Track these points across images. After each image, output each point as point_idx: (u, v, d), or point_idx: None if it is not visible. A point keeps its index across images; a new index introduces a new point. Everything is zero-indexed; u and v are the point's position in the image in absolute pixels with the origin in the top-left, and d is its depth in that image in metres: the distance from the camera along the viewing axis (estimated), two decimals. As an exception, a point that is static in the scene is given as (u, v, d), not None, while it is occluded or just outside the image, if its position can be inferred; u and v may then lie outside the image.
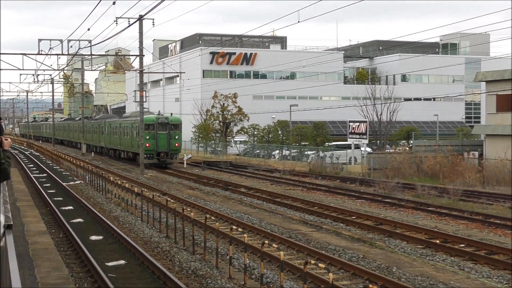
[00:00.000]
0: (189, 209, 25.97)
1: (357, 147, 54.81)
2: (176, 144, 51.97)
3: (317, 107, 78.28)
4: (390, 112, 64.59)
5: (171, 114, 56.55)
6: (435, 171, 41.97)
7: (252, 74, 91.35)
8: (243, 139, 75.87)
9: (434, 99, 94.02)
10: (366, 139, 48.86)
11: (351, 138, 50.53)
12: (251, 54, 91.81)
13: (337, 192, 34.38)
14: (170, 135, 51.53)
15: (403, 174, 42.19)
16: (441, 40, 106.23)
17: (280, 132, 73.99)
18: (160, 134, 51.37)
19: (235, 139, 76.06)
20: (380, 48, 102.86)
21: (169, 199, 23.76)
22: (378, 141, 63.72)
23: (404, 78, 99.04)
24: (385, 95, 66.57)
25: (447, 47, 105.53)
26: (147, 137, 50.75)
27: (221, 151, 69.61)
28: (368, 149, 55.85)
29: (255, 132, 74.33)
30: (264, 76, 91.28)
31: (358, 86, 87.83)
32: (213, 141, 75.36)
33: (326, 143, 64.61)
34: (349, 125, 50.53)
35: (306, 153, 59.68)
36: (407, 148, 57.16)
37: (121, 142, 59.07)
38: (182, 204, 28.20)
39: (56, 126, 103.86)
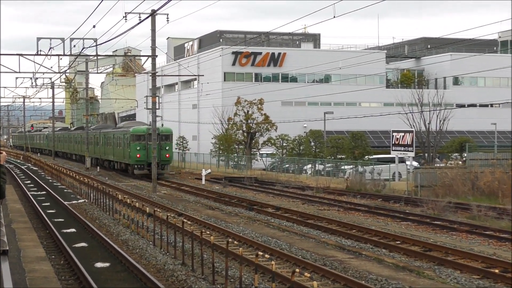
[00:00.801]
0: (208, 232, 25.98)
1: (402, 161, 54.51)
2: (167, 155, 59.38)
3: (355, 115, 78.14)
4: (440, 121, 64.25)
5: (162, 125, 61.94)
6: (493, 188, 41.60)
7: (280, 77, 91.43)
8: (270, 152, 75.83)
9: (491, 105, 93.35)
10: (412, 151, 48.59)
11: (394, 150, 50.26)
12: (279, 54, 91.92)
13: (379, 213, 34.21)
14: (161, 146, 57.31)
15: (456, 192, 41.88)
16: (499, 37, 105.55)
17: (312, 143, 73.87)
18: (151, 145, 54.42)
19: (261, 152, 76.06)
20: (428, 46, 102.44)
21: (185, 220, 23.82)
22: (426, 154, 63.36)
23: (456, 81, 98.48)
24: (434, 100, 66.21)
25: (507, 45, 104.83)
26: (138, 148, 58.14)
27: (245, 166, 69.64)
28: (415, 163, 55.49)
29: (284, 144, 74.28)
30: (294, 79, 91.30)
31: (403, 90, 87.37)
32: (235, 154, 75.41)
33: (366, 156, 64.38)
34: (393, 136, 50.29)
35: (342, 167, 59.48)
36: (460, 162, 56.70)
37: (114, 153, 65.77)
38: (201, 227, 28.23)
39: (50, 137, 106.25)
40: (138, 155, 58.23)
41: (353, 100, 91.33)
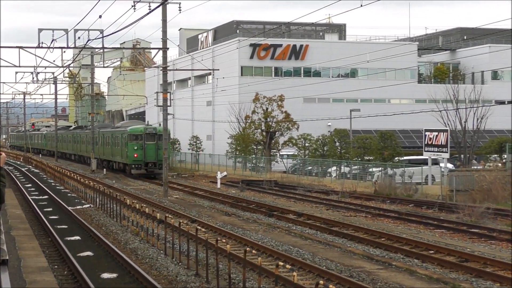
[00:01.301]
0: (224, 240, 25.99)
1: (435, 162, 54.28)
2: None
3: (384, 113, 77.89)
4: (477, 119, 63.95)
5: (160, 124, 67.09)
6: (536, 193, 41.34)
7: (302, 72, 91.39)
8: (291, 153, 75.77)
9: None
10: (447, 152, 48.39)
11: (427, 151, 50.07)
12: (301, 46, 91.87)
13: (410, 220, 34.11)
14: (158, 146, 62.52)
15: (495, 197, 41.65)
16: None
17: (337, 143, 73.76)
18: (148, 144, 63.47)
19: (281, 153, 76.03)
20: (465, 37, 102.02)
21: (199, 227, 23.83)
22: (462, 156, 63.09)
23: (495, 76, 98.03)
24: (471, 97, 65.90)
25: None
26: (135, 148, 63.46)
27: (263, 168, 69.65)
28: (450, 166, 55.27)
29: (307, 144, 74.24)
30: (317, 74, 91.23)
31: (437, 85, 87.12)
32: (253, 155, 75.40)
33: (396, 158, 64.21)
34: (425, 135, 50.10)
35: (370, 170, 59.34)
36: (500, 164, 56.42)
37: (112, 153, 71.54)
38: (216, 234, 28.26)
39: (48, 136, 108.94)
40: (135, 155, 63.54)
41: (381, 97, 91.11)
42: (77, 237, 28.40)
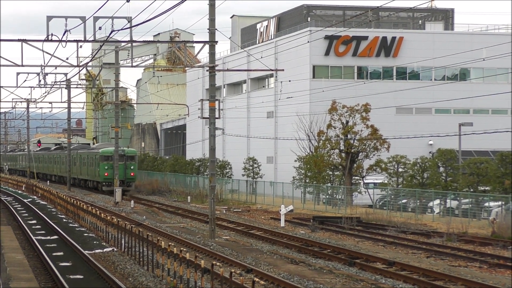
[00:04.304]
0: (289, 297, 26.07)
1: None
2: (132, 174, 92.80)
3: (506, 128, 77.28)
4: None
5: (128, 147, 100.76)
6: None
7: (395, 72, 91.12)
8: (380, 181, 75.44)
9: None
10: None
11: None
12: (393, 39, 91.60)
13: (541, 272, 33.80)
14: (126, 166, 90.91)
15: None
16: None
17: (442, 169, 73.30)
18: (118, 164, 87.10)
19: (366, 181, 75.75)
20: None
21: (257, 279, 23.86)
22: None
23: None
24: None
25: None
26: (106, 167, 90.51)
27: (342, 201, 69.50)
28: None
29: (400, 169, 73.93)
30: (415, 76, 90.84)
31: None
32: (329, 184, 75.23)
33: (522, 188, 63.64)
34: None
35: (486, 204, 58.82)
36: None
37: (88, 172, 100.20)
38: (279, 289, 28.27)
39: (34, 157, 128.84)
40: (106, 174, 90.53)
41: (502, 106, 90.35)
42: (96, 291, 28.62)
